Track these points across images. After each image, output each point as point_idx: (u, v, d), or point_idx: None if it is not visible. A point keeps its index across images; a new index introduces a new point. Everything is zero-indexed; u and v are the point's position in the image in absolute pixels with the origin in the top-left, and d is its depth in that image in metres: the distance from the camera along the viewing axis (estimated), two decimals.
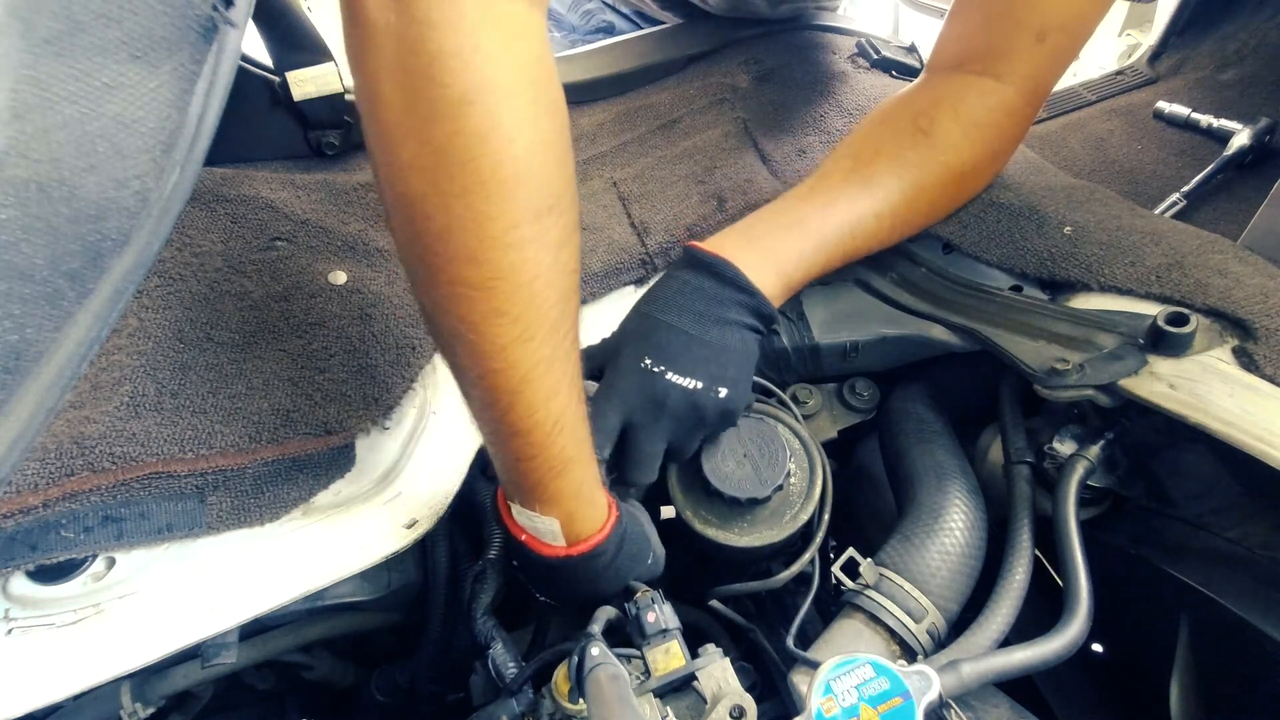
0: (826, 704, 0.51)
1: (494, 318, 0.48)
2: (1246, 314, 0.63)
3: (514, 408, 0.51)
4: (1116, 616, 0.70)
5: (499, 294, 0.47)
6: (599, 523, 0.60)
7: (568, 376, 0.53)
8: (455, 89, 0.43)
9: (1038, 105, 0.77)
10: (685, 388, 0.65)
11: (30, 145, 0.27)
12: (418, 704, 0.83)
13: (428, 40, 0.42)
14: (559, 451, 0.54)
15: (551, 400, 0.52)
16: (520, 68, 0.45)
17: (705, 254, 0.69)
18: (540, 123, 0.47)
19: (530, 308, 0.49)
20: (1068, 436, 0.72)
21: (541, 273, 0.48)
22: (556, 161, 0.48)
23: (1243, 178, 1.00)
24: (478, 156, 0.44)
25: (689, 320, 0.67)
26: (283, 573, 0.60)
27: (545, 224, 0.48)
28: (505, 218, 0.46)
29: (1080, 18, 0.71)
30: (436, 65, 0.43)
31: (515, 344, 0.49)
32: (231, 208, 0.76)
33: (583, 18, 1.36)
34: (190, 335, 0.66)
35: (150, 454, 0.58)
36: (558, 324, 0.51)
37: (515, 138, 0.45)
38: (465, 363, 0.52)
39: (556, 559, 0.59)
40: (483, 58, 0.43)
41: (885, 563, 0.67)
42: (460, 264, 0.47)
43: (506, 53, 0.44)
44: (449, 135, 0.44)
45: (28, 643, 0.55)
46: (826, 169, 0.77)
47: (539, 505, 0.57)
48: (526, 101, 0.46)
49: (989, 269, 0.78)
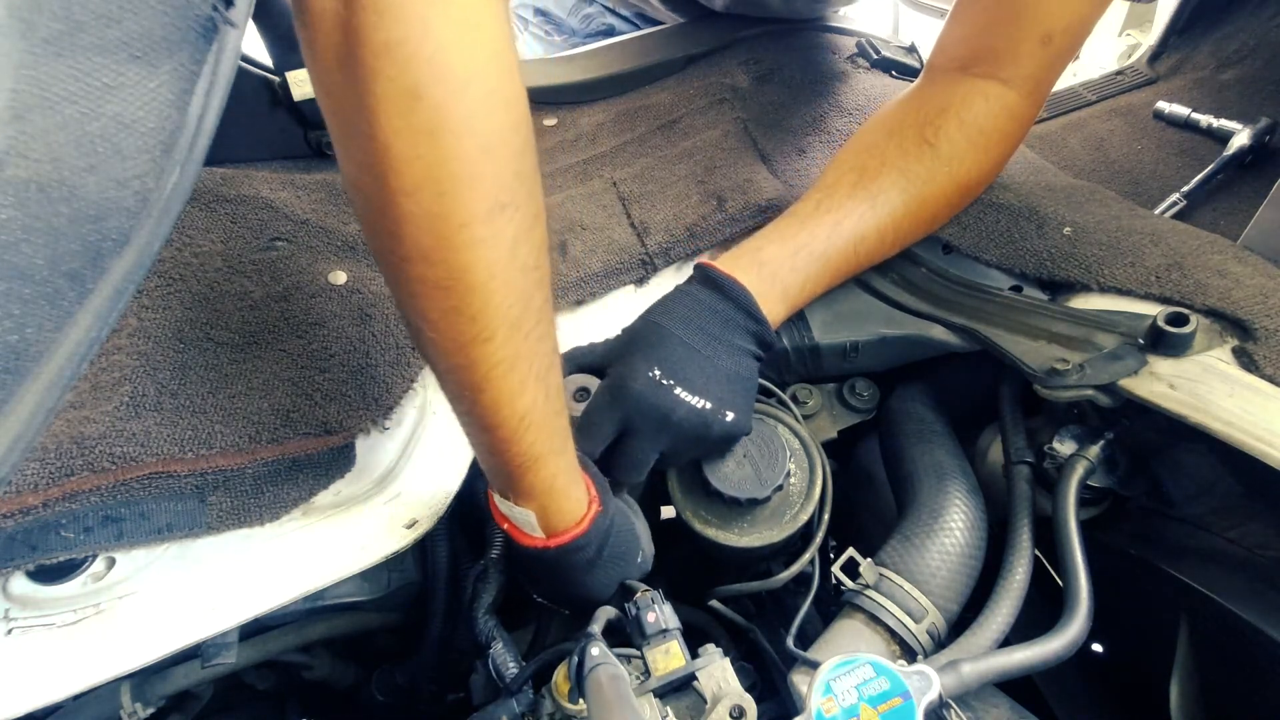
0: (826, 704, 0.51)
1: (452, 316, 0.47)
2: (1246, 314, 0.63)
3: (478, 403, 0.51)
4: (1116, 616, 0.70)
5: (454, 293, 0.46)
6: (575, 517, 0.59)
7: (535, 374, 0.52)
8: (402, 81, 0.41)
9: (1039, 106, 0.77)
10: (694, 406, 0.65)
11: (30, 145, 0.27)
12: (418, 704, 0.83)
13: (375, 29, 0.40)
14: (527, 448, 0.54)
15: (517, 399, 0.51)
16: (475, 59, 0.43)
17: (722, 275, 0.70)
18: (495, 118, 0.45)
19: (487, 308, 0.48)
20: (1068, 436, 0.72)
21: (497, 273, 0.47)
22: (510, 158, 0.46)
23: (1243, 178, 1.00)
24: (425, 154, 0.43)
25: (701, 340, 0.67)
26: (283, 573, 0.60)
27: (497, 224, 0.46)
28: (455, 217, 0.44)
29: (1083, 19, 0.71)
30: (384, 57, 0.40)
31: (474, 343, 0.48)
32: (231, 208, 0.76)
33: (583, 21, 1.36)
34: (190, 335, 0.66)
35: (150, 454, 0.58)
36: (519, 323, 0.50)
37: (466, 134, 0.43)
38: (430, 358, 0.52)
39: (535, 550, 0.60)
40: (433, 47, 0.41)
41: (885, 563, 0.67)
42: (415, 263, 0.46)
43: (460, 42, 0.42)
44: (395, 131, 0.42)
45: (28, 643, 0.55)
46: (832, 181, 0.76)
47: (514, 497, 0.57)
48: (479, 96, 0.43)
49: (989, 269, 0.78)
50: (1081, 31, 0.73)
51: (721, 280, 0.70)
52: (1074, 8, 0.70)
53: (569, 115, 1.01)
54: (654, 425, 0.65)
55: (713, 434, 0.67)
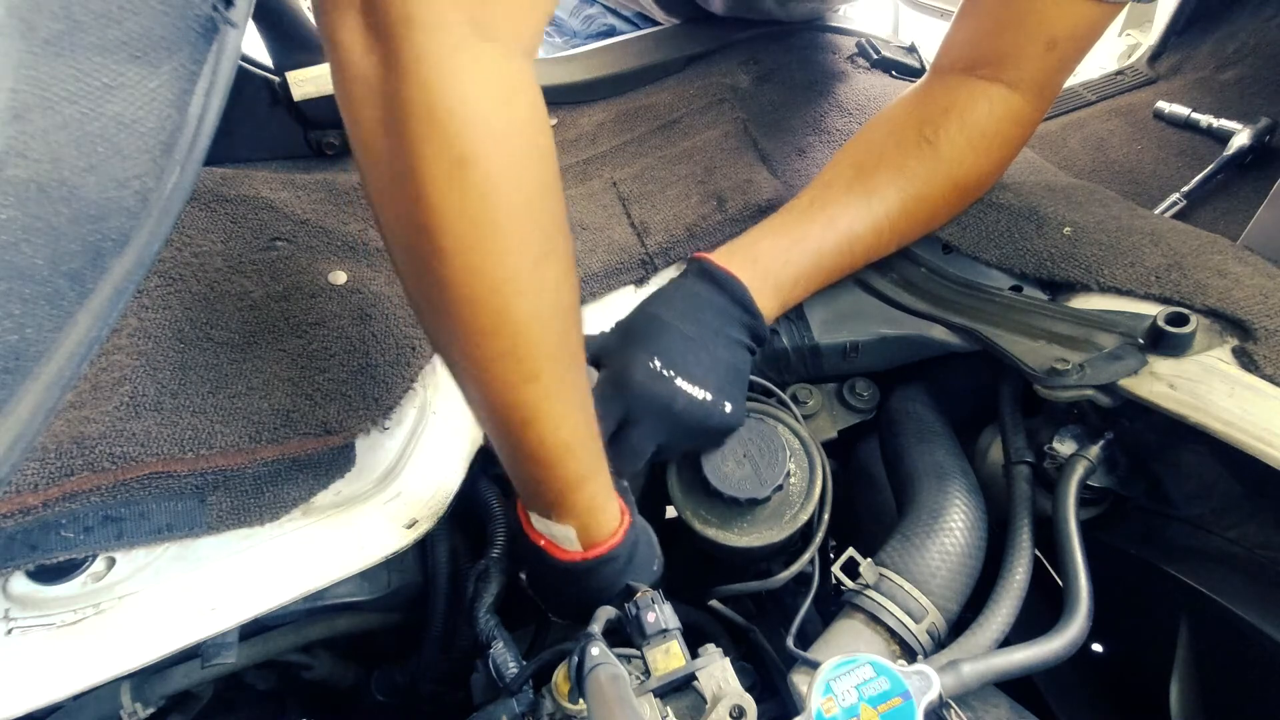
0: (826, 704, 0.51)
1: (499, 360, 0.49)
2: (1246, 314, 0.63)
3: (525, 438, 0.53)
4: (1116, 616, 0.70)
5: (502, 338, 0.48)
6: (611, 528, 0.61)
7: (575, 404, 0.54)
8: (453, 150, 0.43)
9: (1044, 111, 0.77)
10: (695, 396, 0.66)
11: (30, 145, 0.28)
12: (418, 704, 0.83)
13: (419, 102, 0.42)
14: (571, 473, 0.56)
15: (560, 429, 0.54)
16: (516, 121, 0.45)
17: (718, 269, 0.70)
18: (535, 174, 0.47)
19: (534, 350, 0.50)
20: (1068, 436, 0.72)
21: (542, 316, 0.49)
22: (549, 209, 0.49)
23: (1243, 178, 1.00)
24: (474, 214, 0.45)
25: (699, 331, 0.68)
26: (283, 573, 0.60)
27: (542, 271, 0.49)
28: (503, 269, 0.47)
29: (1089, 25, 0.71)
30: (432, 126, 0.42)
31: (521, 383, 0.50)
32: (231, 208, 0.76)
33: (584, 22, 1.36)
34: (190, 335, 0.66)
35: (150, 454, 0.58)
36: (558, 356, 0.52)
37: (512, 194, 0.45)
38: (474, 399, 0.54)
39: (572, 563, 0.61)
40: (480, 118, 0.43)
41: (885, 563, 0.67)
42: (461, 310, 0.48)
43: (503, 110, 0.44)
44: (443, 194, 0.44)
45: (28, 643, 0.55)
46: (829, 177, 0.77)
47: (555, 516, 0.59)
48: (521, 156, 0.46)
49: (989, 269, 0.78)
50: (1087, 38, 0.73)
51: (717, 273, 0.70)
52: (1079, 14, 0.69)
53: (569, 115, 1.01)
54: (655, 415, 0.65)
55: (711, 424, 0.67)
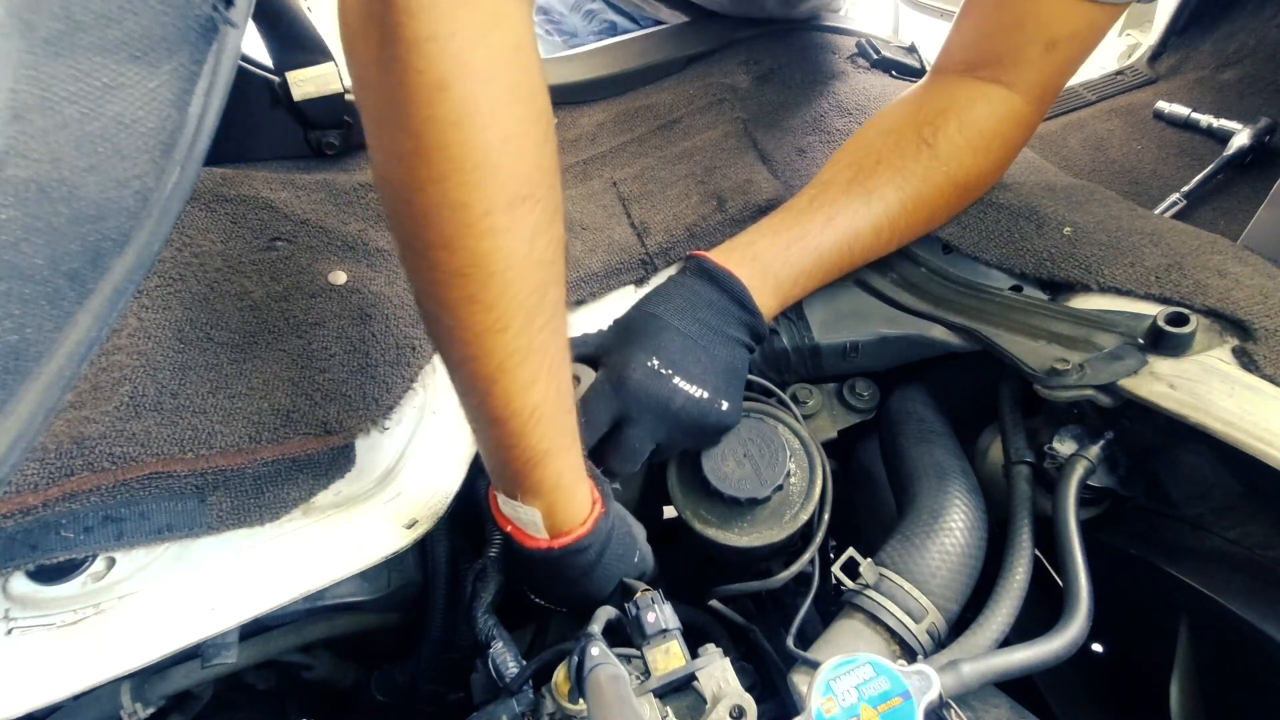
0: (826, 704, 0.51)
1: (468, 304, 0.49)
2: (1246, 314, 0.63)
3: (491, 395, 0.52)
4: (1116, 616, 0.70)
5: (473, 280, 0.48)
6: (580, 517, 0.60)
7: (546, 368, 0.53)
8: (431, 74, 0.43)
9: (1044, 112, 0.77)
10: (693, 395, 0.65)
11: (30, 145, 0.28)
12: (418, 704, 0.83)
13: (405, 26, 0.43)
14: (537, 442, 0.54)
15: (528, 391, 0.52)
16: (497, 53, 0.45)
17: (716, 267, 0.70)
18: (515, 109, 0.47)
19: (504, 297, 0.49)
20: (1068, 436, 0.72)
21: (515, 263, 0.49)
22: (532, 149, 0.48)
23: (1243, 178, 1.00)
24: (451, 143, 0.45)
25: (696, 329, 0.67)
26: (283, 573, 0.60)
27: (518, 213, 0.48)
28: (478, 205, 0.46)
29: (1089, 27, 0.71)
30: (414, 51, 0.43)
31: (489, 333, 0.49)
32: (231, 208, 0.76)
33: (585, 18, 1.36)
34: (190, 335, 0.66)
35: (150, 454, 0.58)
36: (533, 314, 0.51)
37: (489, 125, 0.45)
38: (444, 347, 0.53)
39: (539, 551, 0.59)
40: (459, 43, 0.43)
41: (885, 563, 0.67)
42: (437, 249, 0.47)
43: (484, 38, 0.44)
44: (424, 120, 0.44)
45: (28, 643, 0.55)
46: (828, 177, 0.76)
47: (520, 495, 0.57)
48: (502, 88, 0.46)
49: (989, 269, 0.78)
50: (1088, 39, 0.73)
51: (715, 271, 0.70)
52: (1080, 15, 0.69)
53: (569, 115, 1.01)
54: (653, 415, 0.65)
55: (709, 423, 0.67)
